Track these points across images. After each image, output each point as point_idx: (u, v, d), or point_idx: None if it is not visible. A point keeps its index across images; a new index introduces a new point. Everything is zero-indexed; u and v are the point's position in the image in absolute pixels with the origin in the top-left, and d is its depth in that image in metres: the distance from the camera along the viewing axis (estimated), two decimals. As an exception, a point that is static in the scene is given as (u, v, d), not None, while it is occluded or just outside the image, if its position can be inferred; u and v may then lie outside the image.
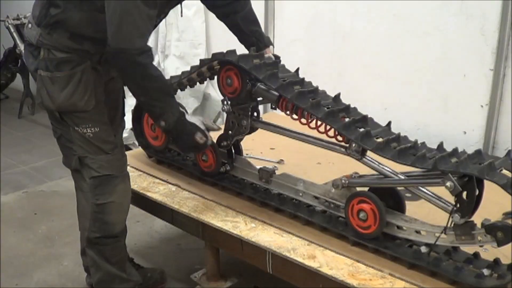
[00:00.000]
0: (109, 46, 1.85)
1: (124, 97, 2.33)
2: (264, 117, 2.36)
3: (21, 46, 4.91)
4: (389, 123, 1.92)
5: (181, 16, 2.26)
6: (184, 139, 2.04)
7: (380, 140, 1.80)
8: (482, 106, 2.82)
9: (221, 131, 2.25)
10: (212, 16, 3.98)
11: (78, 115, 2.01)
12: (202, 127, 2.07)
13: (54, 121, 2.10)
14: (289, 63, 2.20)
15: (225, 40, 3.84)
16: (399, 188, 1.87)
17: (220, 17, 2.36)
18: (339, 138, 1.92)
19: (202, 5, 3.97)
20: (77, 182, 2.19)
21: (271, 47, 2.34)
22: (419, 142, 1.81)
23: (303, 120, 1.98)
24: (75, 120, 2.02)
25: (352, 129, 1.85)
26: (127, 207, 2.18)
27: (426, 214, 1.86)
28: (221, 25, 2.40)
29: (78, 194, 2.23)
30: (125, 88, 2.26)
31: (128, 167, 2.53)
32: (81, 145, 2.04)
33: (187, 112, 2.12)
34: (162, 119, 1.96)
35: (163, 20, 3.89)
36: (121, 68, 1.92)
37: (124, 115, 2.35)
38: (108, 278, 2.19)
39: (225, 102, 2.19)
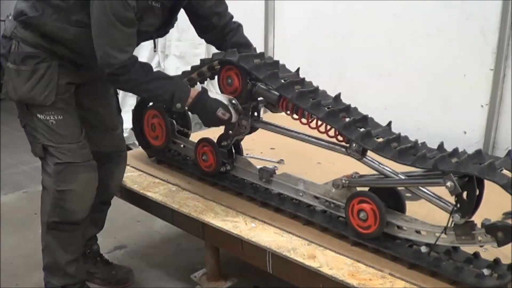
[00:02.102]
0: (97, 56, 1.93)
1: (117, 93, 2.42)
2: (264, 117, 2.36)
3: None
4: (390, 123, 1.91)
5: (154, 51, 2.41)
6: (206, 116, 2.08)
7: (380, 140, 1.80)
8: (482, 106, 2.82)
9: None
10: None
11: (43, 104, 2.06)
12: (226, 102, 2.07)
13: (21, 111, 2.14)
14: (289, 63, 2.20)
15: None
16: (399, 188, 1.87)
17: (210, 41, 2.38)
18: (340, 138, 1.92)
19: (202, 5, 4.00)
20: (43, 169, 2.20)
21: None
22: (419, 142, 1.81)
23: (304, 120, 1.98)
24: (39, 108, 2.05)
25: (352, 129, 1.85)
26: (89, 197, 2.18)
27: (426, 214, 1.86)
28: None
29: (42, 181, 2.24)
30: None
31: (128, 167, 2.54)
32: (44, 133, 2.07)
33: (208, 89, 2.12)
34: (175, 102, 2.02)
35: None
36: (110, 79, 2.01)
37: (120, 110, 2.42)
38: (54, 267, 2.24)
39: None
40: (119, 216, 3.17)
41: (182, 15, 2.30)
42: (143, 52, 4.11)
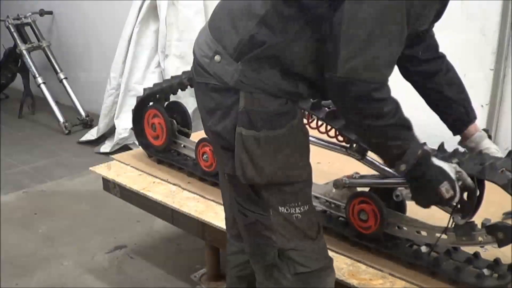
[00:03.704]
0: (333, 73, 1.32)
1: None
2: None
3: (21, 46, 4.92)
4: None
5: None
6: (424, 189, 1.45)
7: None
8: (482, 106, 2.82)
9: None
10: (212, 16, 4.00)
11: (287, 189, 1.45)
12: (453, 175, 1.45)
13: (245, 201, 1.49)
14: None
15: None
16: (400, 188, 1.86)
17: (421, 81, 1.77)
18: (340, 138, 1.91)
19: (202, 5, 3.99)
20: (270, 279, 1.54)
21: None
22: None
23: (304, 120, 1.97)
24: (281, 197, 1.45)
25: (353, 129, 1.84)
26: None
27: (426, 214, 1.85)
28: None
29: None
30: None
31: (128, 167, 2.55)
32: (284, 233, 1.47)
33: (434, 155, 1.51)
34: (402, 161, 1.40)
35: (163, 20, 3.94)
36: (348, 104, 1.35)
37: None
38: None
39: None
40: (119, 216, 3.18)
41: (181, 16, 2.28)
42: (143, 51, 4.13)
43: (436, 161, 1.45)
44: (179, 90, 2.43)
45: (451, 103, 1.73)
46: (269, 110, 1.38)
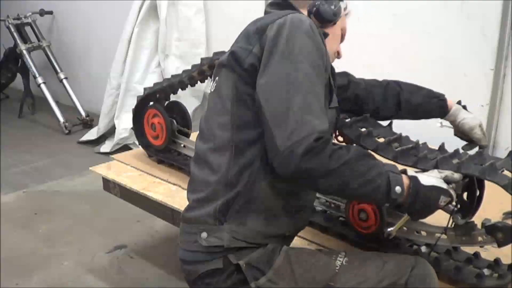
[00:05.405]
0: (275, 154, 1.33)
1: None
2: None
3: (21, 46, 4.92)
4: (391, 123, 1.91)
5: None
6: (427, 210, 1.46)
7: (381, 140, 1.80)
8: (482, 106, 2.82)
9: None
10: (212, 16, 4.00)
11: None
12: (445, 186, 1.45)
13: None
14: (290, 63, 2.18)
15: (226, 40, 3.83)
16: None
17: (394, 113, 1.91)
18: (340, 138, 1.91)
19: (202, 5, 4.00)
20: None
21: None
22: (420, 142, 1.80)
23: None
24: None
25: (353, 129, 1.84)
26: None
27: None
28: (221, 25, 2.38)
29: None
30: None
31: (128, 167, 2.55)
32: None
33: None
34: (393, 186, 1.37)
35: (163, 20, 3.95)
36: (305, 166, 1.31)
37: None
38: None
39: None
40: (119, 216, 3.18)
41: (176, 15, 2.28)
42: (144, 51, 4.14)
43: (424, 181, 1.43)
44: (180, 90, 2.43)
45: (427, 103, 1.88)
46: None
